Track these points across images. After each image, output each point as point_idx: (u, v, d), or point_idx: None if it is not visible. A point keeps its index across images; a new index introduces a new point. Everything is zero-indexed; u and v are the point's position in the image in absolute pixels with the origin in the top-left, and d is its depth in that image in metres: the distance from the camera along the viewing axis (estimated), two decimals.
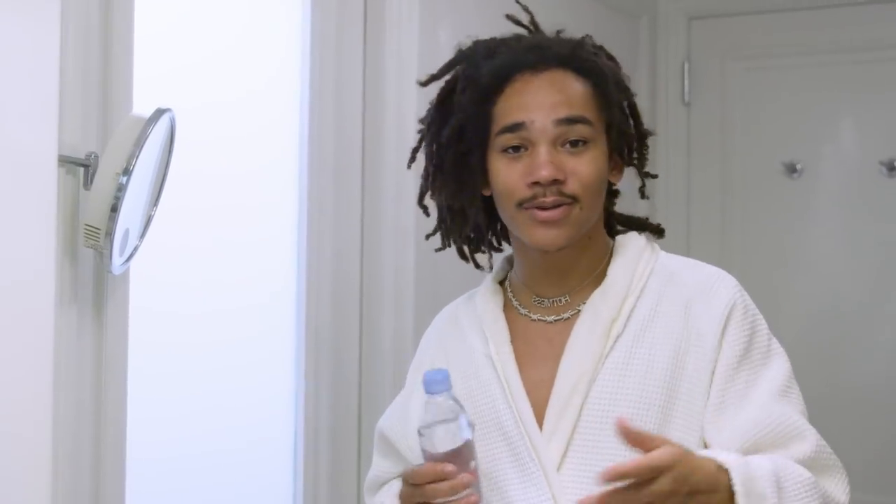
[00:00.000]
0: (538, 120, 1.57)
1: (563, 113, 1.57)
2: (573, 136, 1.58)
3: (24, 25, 1.48)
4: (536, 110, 1.58)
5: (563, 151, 1.58)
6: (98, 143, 1.78)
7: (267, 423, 2.48)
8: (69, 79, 1.68)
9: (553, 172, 1.55)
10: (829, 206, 3.66)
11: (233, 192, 2.35)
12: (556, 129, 1.57)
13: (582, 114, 1.58)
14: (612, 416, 1.55)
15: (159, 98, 1.83)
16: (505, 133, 1.59)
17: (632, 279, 1.63)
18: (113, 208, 1.67)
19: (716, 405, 1.57)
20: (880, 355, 3.55)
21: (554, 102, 1.58)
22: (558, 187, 1.56)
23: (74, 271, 1.73)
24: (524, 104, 1.59)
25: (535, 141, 1.58)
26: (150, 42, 1.99)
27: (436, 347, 1.76)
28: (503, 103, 1.60)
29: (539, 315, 1.67)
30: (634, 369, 1.58)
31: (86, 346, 1.77)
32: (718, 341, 1.58)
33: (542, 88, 1.59)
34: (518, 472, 1.59)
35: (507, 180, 1.59)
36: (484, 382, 1.65)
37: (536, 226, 1.59)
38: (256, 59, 2.43)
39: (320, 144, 2.55)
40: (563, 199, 1.57)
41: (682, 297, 1.62)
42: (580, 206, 1.58)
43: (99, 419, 1.82)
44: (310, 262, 2.53)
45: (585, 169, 1.57)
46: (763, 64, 3.76)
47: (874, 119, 3.60)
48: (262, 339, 2.45)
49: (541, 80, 1.60)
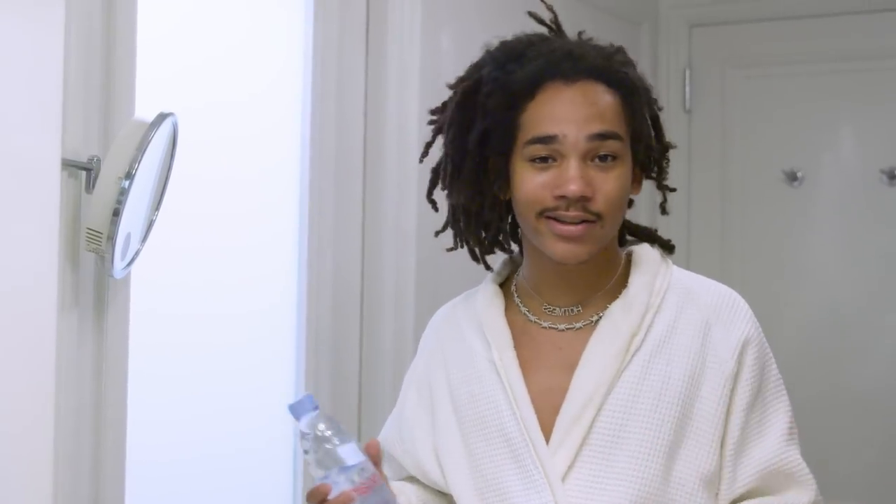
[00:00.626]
0: (571, 134, 1.53)
1: (596, 128, 1.54)
2: (604, 151, 1.54)
3: (28, 29, 1.49)
4: (569, 123, 1.54)
5: (591, 166, 1.54)
6: (100, 146, 1.78)
7: (267, 425, 2.48)
8: (72, 82, 1.68)
9: (582, 189, 1.52)
10: (829, 215, 3.65)
11: (234, 195, 2.35)
12: (589, 143, 1.53)
13: (614, 129, 1.55)
14: (625, 430, 1.54)
15: (161, 101, 1.83)
16: (535, 143, 1.55)
17: (651, 294, 1.62)
18: (115, 212, 1.67)
19: (737, 441, 1.57)
20: (880, 363, 3.55)
21: (587, 116, 1.54)
22: (584, 203, 1.53)
23: (76, 275, 1.73)
24: (556, 115, 1.54)
25: (566, 154, 1.54)
26: (152, 45, 1.99)
27: (434, 348, 1.74)
28: (533, 111, 1.56)
29: (550, 323, 1.65)
30: (650, 385, 1.56)
31: (87, 349, 1.77)
32: (734, 372, 1.58)
33: (576, 100, 1.55)
34: (521, 480, 1.57)
35: (532, 190, 1.56)
36: (487, 387, 1.63)
37: (557, 240, 1.56)
38: (259, 62, 2.44)
39: (322, 148, 2.55)
40: (586, 216, 1.54)
41: (700, 317, 1.61)
42: (602, 224, 1.55)
43: (99, 422, 1.82)
44: (311, 265, 2.53)
45: (612, 186, 1.55)
46: (764, 72, 3.76)
47: (875, 127, 3.60)
48: (262, 341, 2.45)
49: (573, 91, 1.56)
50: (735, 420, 1.58)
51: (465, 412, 1.65)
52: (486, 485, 1.60)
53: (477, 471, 1.62)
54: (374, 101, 2.63)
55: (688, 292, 1.64)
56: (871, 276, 3.57)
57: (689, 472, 1.55)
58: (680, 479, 1.55)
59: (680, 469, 1.55)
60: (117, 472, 1.86)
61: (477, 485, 1.61)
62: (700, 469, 1.55)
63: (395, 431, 1.76)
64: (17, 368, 1.47)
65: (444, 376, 1.70)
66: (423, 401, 1.73)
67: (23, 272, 1.47)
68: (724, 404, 1.57)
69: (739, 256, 3.71)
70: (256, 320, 2.43)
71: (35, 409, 1.49)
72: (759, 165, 3.71)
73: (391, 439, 1.76)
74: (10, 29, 1.46)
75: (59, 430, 1.59)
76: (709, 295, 1.64)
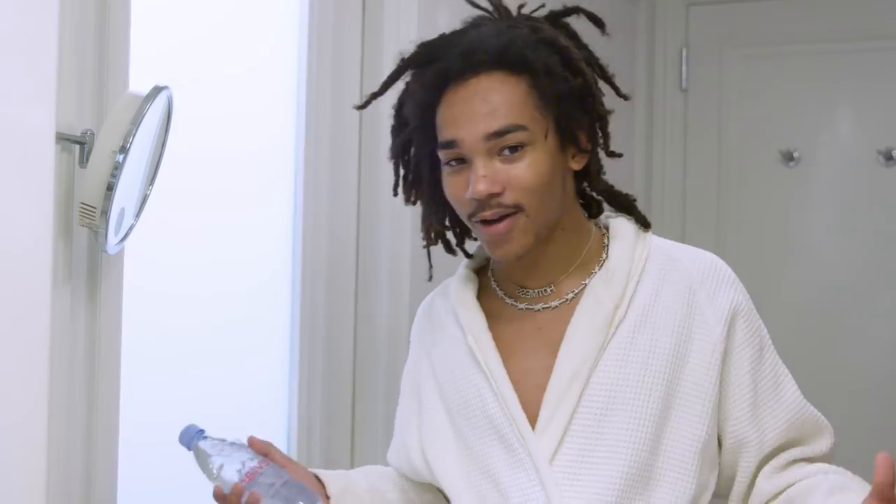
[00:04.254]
0: (468, 137, 1.54)
1: (492, 126, 1.53)
2: (507, 143, 1.54)
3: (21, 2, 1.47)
4: (465, 125, 1.54)
5: (499, 159, 1.54)
6: (94, 120, 1.76)
7: (260, 406, 2.47)
8: (65, 55, 1.66)
9: (487, 187, 1.53)
10: (825, 195, 3.65)
11: (228, 174, 2.33)
12: (487, 143, 1.54)
13: (513, 122, 1.54)
14: (613, 403, 1.54)
15: (155, 77, 1.81)
16: (442, 149, 1.58)
17: (631, 264, 1.61)
18: (109, 187, 1.65)
19: (751, 404, 1.58)
20: (876, 344, 3.55)
21: (482, 114, 1.54)
22: (497, 200, 1.53)
23: (69, 250, 1.71)
24: (454, 119, 1.56)
25: (469, 156, 1.55)
26: (146, 19, 1.97)
27: (416, 341, 1.77)
28: (440, 116, 1.58)
29: (525, 304, 1.65)
30: (636, 356, 1.56)
31: (80, 324, 1.76)
32: (724, 336, 1.58)
33: (468, 100, 1.55)
34: (508, 461, 1.58)
35: (453, 193, 1.59)
36: (468, 372, 1.64)
37: (489, 243, 1.58)
38: (254, 41, 2.42)
39: (317, 128, 2.54)
40: (505, 211, 1.54)
41: (684, 284, 1.61)
42: (526, 214, 1.55)
43: (92, 399, 1.81)
44: (305, 246, 2.52)
45: (524, 175, 1.54)
46: (761, 51, 3.75)
47: (872, 108, 3.60)
48: (256, 321, 2.44)
49: (467, 90, 1.56)
50: (740, 383, 1.58)
51: (451, 398, 1.66)
52: (474, 467, 1.60)
53: (465, 454, 1.62)
54: (370, 78, 2.61)
55: (669, 259, 1.63)
56: (867, 256, 3.58)
57: (679, 441, 1.55)
58: (670, 449, 1.55)
59: (669, 439, 1.55)
60: (110, 449, 1.85)
61: (465, 468, 1.62)
62: (691, 437, 1.55)
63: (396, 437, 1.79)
64: (9, 344, 1.46)
65: (428, 366, 1.71)
66: (413, 395, 1.74)
67: (16, 247, 1.46)
68: (715, 370, 1.57)
69: (735, 237, 3.71)
70: (251, 299, 2.42)
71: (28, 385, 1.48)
72: (756, 145, 3.71)
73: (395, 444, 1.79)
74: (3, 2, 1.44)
75: (53, 405, 1.58)
76: (691, 262, 1.63)
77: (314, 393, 2.53)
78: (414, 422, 1.72)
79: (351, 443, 2.59)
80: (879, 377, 3.52)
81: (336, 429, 2.57)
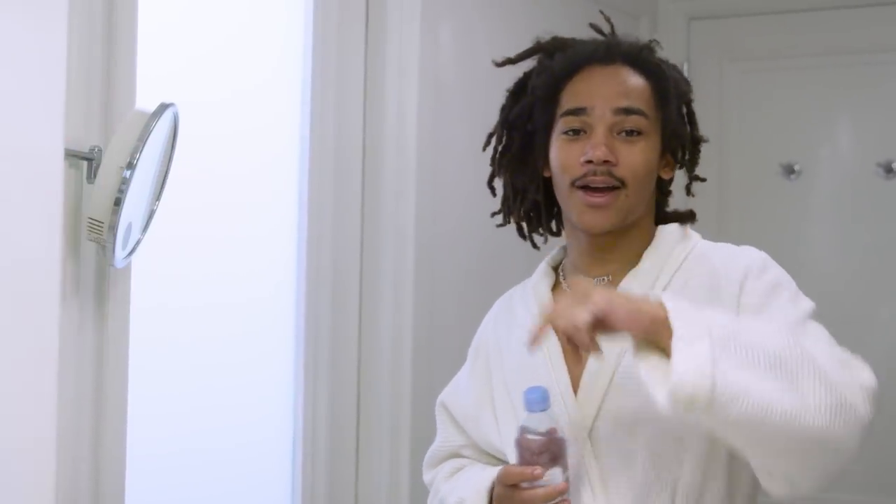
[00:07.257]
0: (598, 106, 1.68)
1: (622, 103, 1.68)
2: (629, 125, 1.68)
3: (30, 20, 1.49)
4: (598, 98, 1.69)
5: (617, 139, 1.68)
6: (101, 136, 1.78)
7: (266, 417, 2.49)
8: (74, 73, 1.69)
9: (606, 154, 1.65)
10: (826, 208, 3.66)
11: (234, 188, 2.36)
12: (614, 117, 1.67)
13: (639, 106, 1.69)
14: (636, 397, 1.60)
15: (161, 94, 1.84)
16: (568, 115, 1.70)
17: (664, 263, 1.72)
18: (116, 202, 1.68)
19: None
20: (877, 356, 3.53)
21: (615, 93, 1.69)
22: (609, 168, 1.66)
23: (77, 264, 1.74)
24: (588, 91, 1.70)
25: (594, 125, 1.68)
26: (153, 37, 2.00)
27: (490, 332, 1.86)
28: (571, 89, 1.72)
29: None
30: None
31: (88, 338, 1.78)
32: (739, 288, 1.67)
33: (606, 79, 1.71)
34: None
35: (564, 158, 1.70)
36: (533, 356, 1.72)
37: (585, 209, 1.68)
38: (258, 56, 2.44)
39: (321, 141, 2.56)
40: (612, 181, 1.66)
41: (708, 271, 1.70)
42: (626, 193, 1.67)
43: (100, 412, 1.83)
44: (310, 258, 2.54)
45: (636, 157, 1.68)
46: (762, 66, 3.76)
47: (872, 121, 3.61)
48: (261, 333, 2.46)
49: (606, 72, 1.71)
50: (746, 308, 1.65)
51: (510, 378, 1.76)
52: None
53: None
54: (373, 94, 2.63)
55: (702, 256, 1.74)
56: (868, 268, 3.58)
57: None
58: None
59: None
60: (118, 461, 1.87)
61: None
62: None
63: (455, 397, 1.88)
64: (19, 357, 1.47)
65: (497, 351, 1.81)
66: (484, 379, 1.83)
67: (25, 262, 1.48)
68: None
69: None
70: (256, 312, 2.44)
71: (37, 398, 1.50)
72: (757, 159, 3.72)
73: (452, 403, 1.88)
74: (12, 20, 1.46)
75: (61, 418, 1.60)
76: (720, 259, 1.73)
77: (319, 403, 2.55)
78: (488, 406, 1.80)
79: (356, 452, 2.61)
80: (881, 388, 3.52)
81: (341, 438, 2.59)
